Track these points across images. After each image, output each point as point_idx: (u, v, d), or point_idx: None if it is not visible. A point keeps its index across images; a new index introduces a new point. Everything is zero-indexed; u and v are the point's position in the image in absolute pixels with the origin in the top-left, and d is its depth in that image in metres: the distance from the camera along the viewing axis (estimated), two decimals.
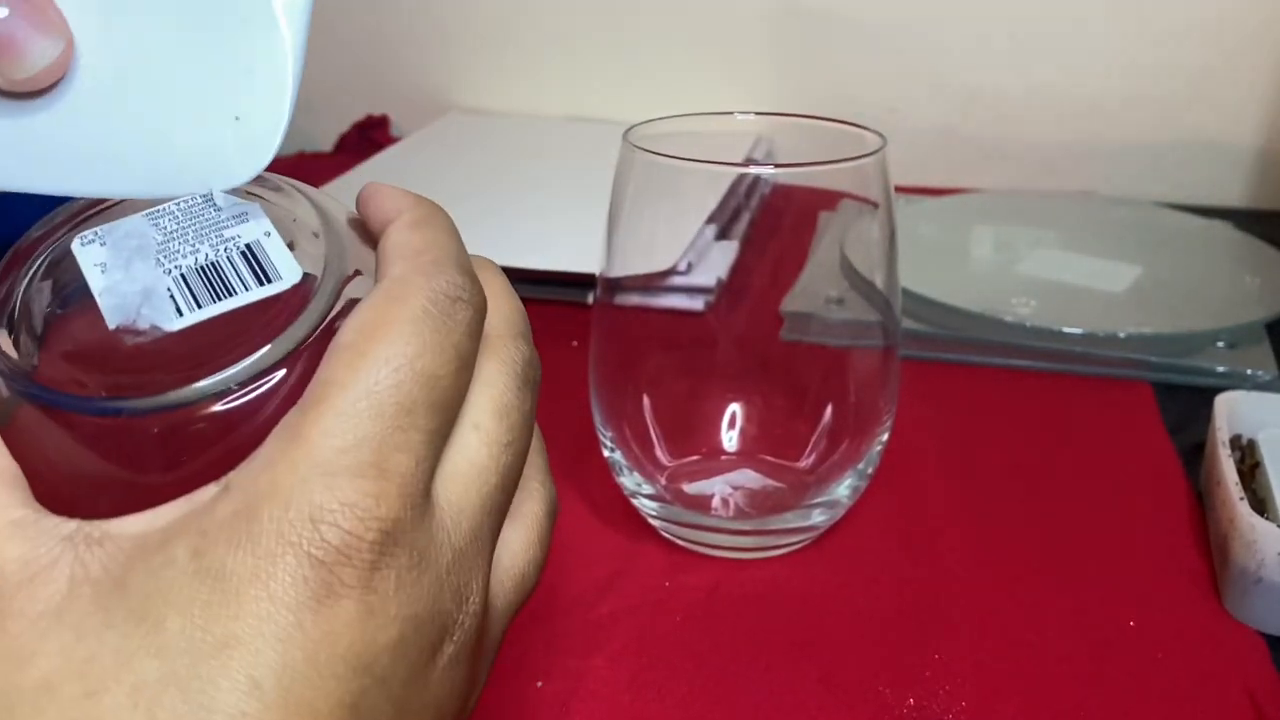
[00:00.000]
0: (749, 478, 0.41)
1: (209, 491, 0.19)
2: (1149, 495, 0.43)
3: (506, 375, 0.22)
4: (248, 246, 0.21)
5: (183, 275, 0.21)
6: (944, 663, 0.34)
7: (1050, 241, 0.62)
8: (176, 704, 0.17)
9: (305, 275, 0.21)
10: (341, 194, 0.72)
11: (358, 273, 0.22)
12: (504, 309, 0.23)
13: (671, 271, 0.49)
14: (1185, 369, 0.50)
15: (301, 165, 0.83)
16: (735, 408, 0.41)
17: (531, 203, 0.67)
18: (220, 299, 0.21)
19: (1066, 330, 0.51)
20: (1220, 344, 0.52)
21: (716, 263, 0.54)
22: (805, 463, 0.40)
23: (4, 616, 0.17)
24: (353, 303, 0.21)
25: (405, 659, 0.19)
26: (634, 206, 0.37)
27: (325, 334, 0.20)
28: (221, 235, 0.21)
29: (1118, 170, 0.77)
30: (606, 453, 0.40)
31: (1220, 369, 0.50)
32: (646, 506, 0.39)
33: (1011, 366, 0.52)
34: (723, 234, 0.56)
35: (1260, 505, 0.38)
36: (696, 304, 0.49)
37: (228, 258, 0.21)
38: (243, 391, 0.20)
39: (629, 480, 0.40)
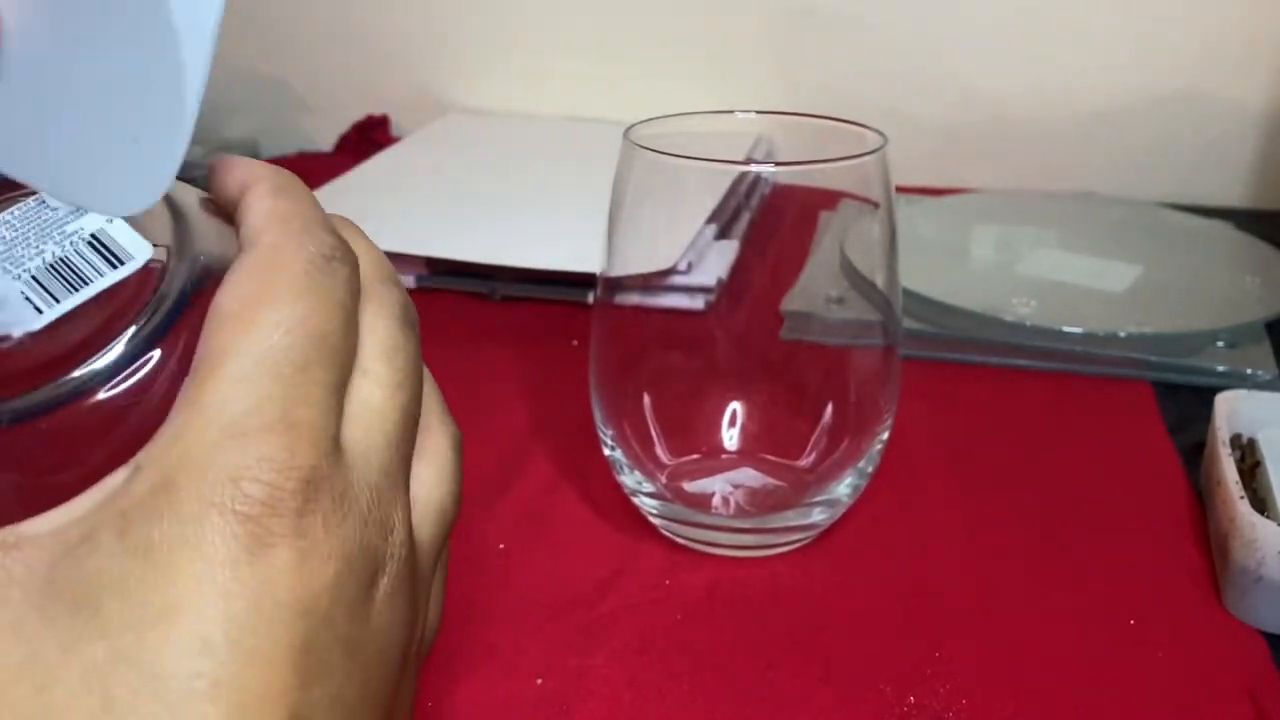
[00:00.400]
0: (749, 476, 0.41)
1: (119, 476, 0.19)
2: (1149, 494, 0.43)
3: (387, 319, 0.22)
4: (93, 235, 0.21)
5: (33, 276, 0.21)
6: (944, 661, 0.34)
7: (1050, 241, 0.62)
8: (129, 678, 0.17)
9: (156, 250, 0.21)
10: (342, 194, 0.72)
11: (206, 251, 0.22)
12: (370, 257, 0.24)
13: (672, 271, 0.49)
14: (1185, 368, 0.50)
15: (301, 165, 0.82)
16: (735, 407, 0.41)
17: (531, 203, 0.67)
18: (76, 289, 0.21)
19: (1067, 330, 0.51)
20: (1220, 344, 0.52)
21: (716, 262, 0.54)
22: (805, 461, 0.40)
23: None
24: (209, 271, 0.21)
25: (344, 597, 0.19)
26: (634, 206, 0.37)
27: (193, 305, 0.21)
28: (64, 231, 0.21)
29: (1118, 170, 0.77)
30: (607, 451, 0.40)
31: (1220, 368, 0.50)
32: (647, 505, 0.39)
33: (1012, 366, 0.52)
34: (723, 233, 0.56)
35: (1260, 504, 0.38)
36: (697, 303, 0.49)
37: (75, 250, 0.21)
38: (125, 374, 0.20)
39: (629, 479, 0.40)
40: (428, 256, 0.60)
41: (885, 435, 0.39)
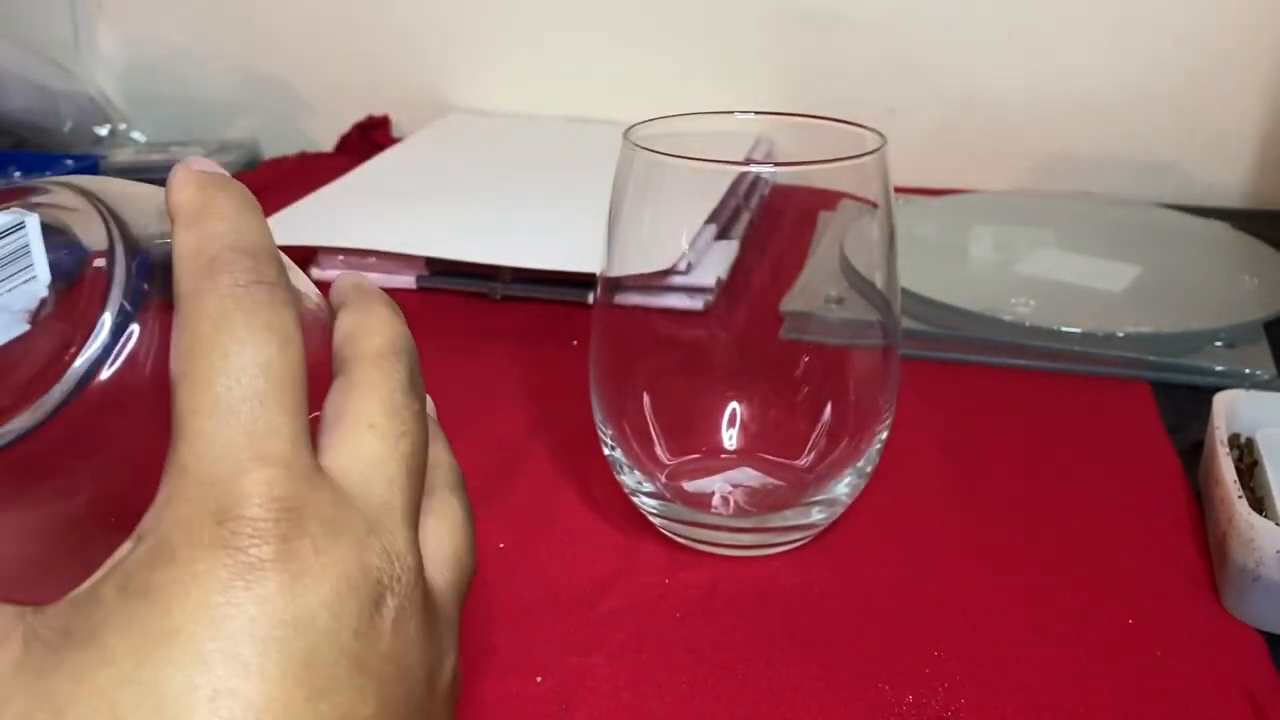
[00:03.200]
0: (748, 476, 0.41)
1: (124, 549, 0.20)
2: (1147, 494, 0.43)
3: (391, 382, 0.24)
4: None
5: None
6: (943, 660, 0.34)
7: (1049, 241, 0.63)
8: (134, 695, 0.18)
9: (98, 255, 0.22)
10: (343, 195, 0.72)
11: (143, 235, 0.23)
12: (387, 331, 0.25)
13: (671, 271, 0.49)
14: (1184, 368, 0.51)
15: (302, 165, 0.83)
16: (735, 406, 0.42)
17: (531, 203, 0.67)
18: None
19: (1065, 330, 0.52)
20: (1219, 343, 0.52)
21: (716, 262, 0.54)
22: (804, 461, 0.40)
23: None
24: (150, 252, 0.22)
25: (346, 612, 0.20)
26: (634, 206, 0.37)
27: (150, 279, 0.22)
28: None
29: (1116, 170, 0.78)
30: (607, 451, 0.40)
31: (1218, 368, 0.50)
32: (646, 504, 0.40)
33: (1011, 366, 0.52)
34: (723, 233, 0.56)
35: (1259, 504, 0.38)
36: (696, 303, 0.49)
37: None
38: (116, 354, 0.21)
39: (629, 478, 0.40)
40: (428, 256, 0.60)
41: (884, 435, 0.39)
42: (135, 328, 0.21)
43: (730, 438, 0.42)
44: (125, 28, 0.91)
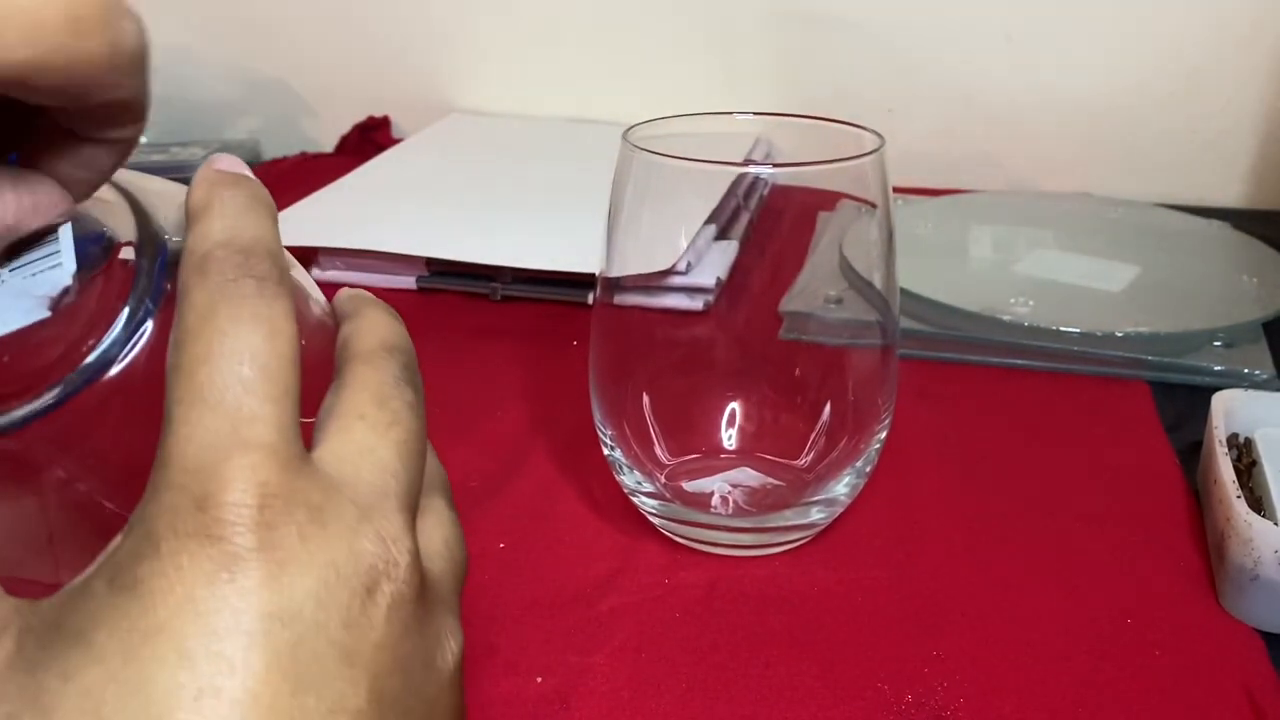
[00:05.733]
0: (748, 476, 0.41)
1: (116, 541, 0.20)
2: (1146, 494, 0.43)
3: (381, 374, 0.24)
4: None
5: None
6: (942, 659, 0.34)
7: (1048, 241, 0.63)
8: (119, 695, 0.18)
9: (107, 238, 0.23)
10: (343, 195, 0.72)
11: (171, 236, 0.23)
12: (379, 330, 0.25)
13: (671, 271, 0.49)
14: (1182, 368, 0.51)
15: (303, 166, 0.83)
16: (734, 406, 0.42)
17: (531, 203, 0.67)
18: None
19: (1064, 330, 0.52)
20: (1217, 343, 0.52)
21: (716, 262, 0.54)
22: (804, 461, 0.40)
23: None
24: (177, 254, 0.22)
25: (335, 602, 0.20)
26: (634, 206, 0.37)
27: (169, 286, 0.22)
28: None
29: (1115, 170, 0.78)
30: (606, 451, 0.40)
31: (1217, 368, 0.50)
32: (646, 504, 0.40)
33: (1009, 366, 0.52)
34: (722, 234, 0.56)
35: (1257, 503, 0.38)
36: (696, 304, 0.49)
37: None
38: (129, 349, 0.21)
39: (629, 478, 0.40)
40: (428, 257, 0.60)
41: (883, 435, 0.39)
42: (151, 324, 0.21)
43: (730, 438, 0.42)
44: None
